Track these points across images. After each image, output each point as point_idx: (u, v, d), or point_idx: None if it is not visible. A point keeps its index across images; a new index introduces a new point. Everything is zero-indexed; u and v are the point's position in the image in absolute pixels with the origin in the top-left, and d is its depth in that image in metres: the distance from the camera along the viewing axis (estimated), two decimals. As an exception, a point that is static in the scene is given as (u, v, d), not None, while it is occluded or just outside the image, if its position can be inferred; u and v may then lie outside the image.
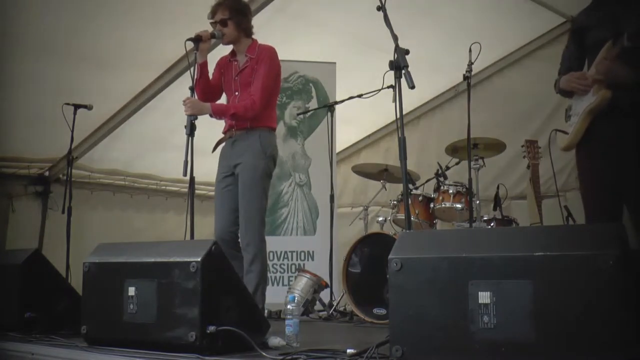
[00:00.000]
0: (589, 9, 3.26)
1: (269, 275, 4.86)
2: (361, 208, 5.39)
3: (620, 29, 2.92)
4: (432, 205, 4.69)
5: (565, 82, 3.21)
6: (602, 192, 3.08)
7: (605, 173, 3.07)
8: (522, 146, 5.10)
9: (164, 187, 6.68)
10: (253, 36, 3.94)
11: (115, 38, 4.83)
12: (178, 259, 2.39)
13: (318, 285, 4.48)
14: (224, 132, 3.95)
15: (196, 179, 3.51)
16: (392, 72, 2.79)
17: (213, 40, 3.84)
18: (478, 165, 4.58)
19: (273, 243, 4.19)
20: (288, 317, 2.61)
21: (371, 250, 4.28)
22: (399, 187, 5.20)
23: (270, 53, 3.85)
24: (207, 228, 5.06)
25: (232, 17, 3.81)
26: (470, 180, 4.36)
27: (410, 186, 4.69)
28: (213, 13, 3.84)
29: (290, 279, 5.33)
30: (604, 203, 3.07)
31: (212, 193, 6.02)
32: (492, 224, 4.61)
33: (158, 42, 4.93)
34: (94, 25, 4.65)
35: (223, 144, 3.96)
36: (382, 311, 3.99)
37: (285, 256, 5.60)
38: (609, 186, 3.06)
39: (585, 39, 3.20)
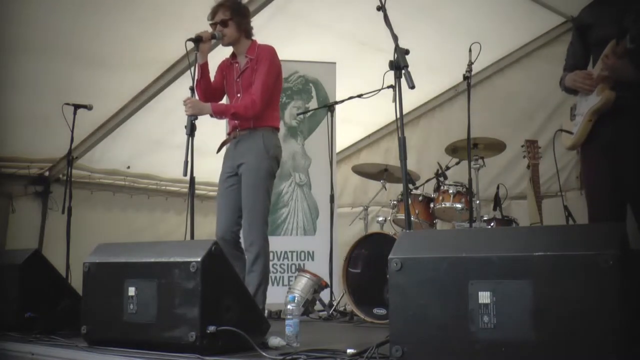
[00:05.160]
0: (592, 6, 3.26)
1: (269, 275, 4.86)
2: (361, 208, 5.39)
3: (623, 27, 2.93)
4: (432, 205, 4.69)
5: (570, 81, 3.22)
6: (606, 192, 3.08)
7: (609, 173, 3.08)
8: (522, 146, 5.10)
9: (164, 187, 6.68)
10: (253, 37, 3.94)
11: (116, 38, 4.83)
12: (178, 259, 2.39)
13: (318, 285, 4.48)
14: (229, 133, 3.96)
15: (196, 179, 3.51)
16: (392, 72, 2.79)
17: (213, 41, 3.84)
18: (478, 165, 4.58)
19: (273, 243, 4.18)
20: (288, 317, 2.61)
21: (371, 250, 4.28)
22: (399, 187, 5.20)
23: (269, 53, 3.85)
24: (207, 228, 5.07)
25: (233, 17, 3.80)
26: (470, 180, 4.36)
27: (410, 186, 4.69)
28: (213, 14, 3.83)
29: (290, 279, 5.33)
30: (608, 203, 3.08)
31: (213, 193, 6.05)
32: (492, 224, 4.61)
33: (158, 42, 4.93)
34: (94, 25, 4.65)
35: (228, 144, 3.96)
36: (382, 311, 3.99)
37: (285, 256, 5.59)
38: (612, 186, 3.06)
39: (589, 36, 3.21)
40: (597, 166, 3.14)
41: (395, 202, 4.81)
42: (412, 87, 2.66)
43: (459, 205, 4.56)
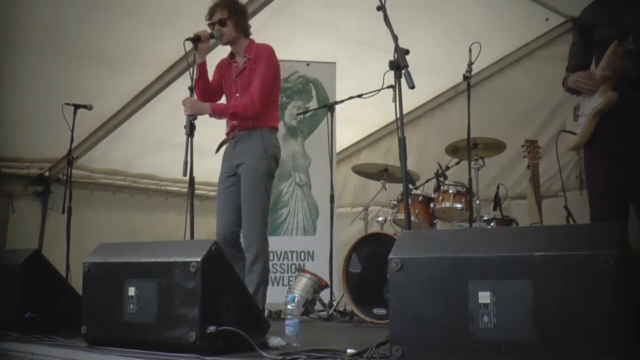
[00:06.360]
0: (594, 6, 3.27)
1: (269, 275, 4.88)
2: (361, 208, 5.39)
3: (625, 27, 2.93)
4: (432, 205, 4.69)
5: (573, 82, 3.23)
6: (608, 191, 3.10)
7: (612, 173, 3.09)
8: (522, 146, 5.10)
9: (164, 187, 6.68)
10: (252, 37, 3.95)
11: (116, 38, 4.83)
12: (178, 259, 2.39)
13: (318, 285, 4.48)
14: (227, 134, 3.96)
15: (196, 179, 3.51)
16: (392, 72, 2.79)
17: (212, 41, 3.85)
18: (478, 165, 4.58)
19: (273, 243, 4.18)
20: (288, 317, 2.61)
21: (371, 250, 4.28)
22: (399, 187, 5.20)
23: (267, 52, 3.85)
24: (207, 228, 5.06)
25: (231, 16, 3.81)
26: (470, 180, 4.36)
27: (410, 186, 4.69)
28: (211, 14, 3.84)
29: (290, 279, 5.33)
30: (610, 203, 3.09)
31: (212, 193, 6.04)
32: (492, 224, 4.61)
33: (158, 42, 4.93)
34: (95, 25, 4.65)
35: (226, 144, 3.96)
36: (382, 311, 3.99)
37: (285, 256, 5.59)
38: (615, 186, 3.07)
39: (592, 36, 3.22)
40: (599, 166, 3.15)
41: (395, 202, 4.81)
42: (412, 87, 2.66)
43: (459, 205, 4.56)
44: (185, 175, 3.42)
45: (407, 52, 2.78)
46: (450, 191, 4.60)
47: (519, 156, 5.34)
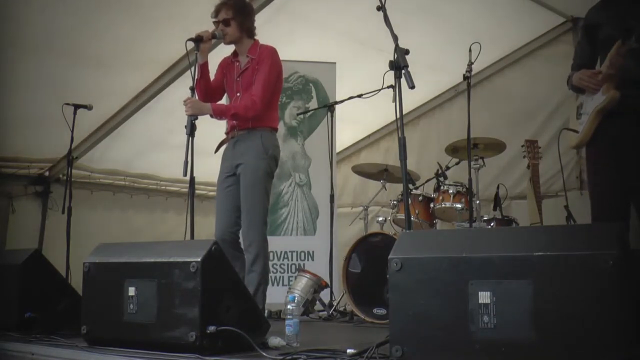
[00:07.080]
0: (600, 6, 3.28)
1: (269, 275, 4.88)
2: (361, 208, 5.39)
3: (629, 27, 2.94)
4: (432, 205, 4.69)
5: (577, 80, 3.24)
6: (610, 190, 3.10)
7: (613, 172, 3.09)
8: (522, 146, 5.11)
9: (164, 187, 6.68)
10: (255, 37, 3.94)
11: (116, 38, 4.83)
12: (178, 259, 2.39)
13: (318, 285, 4.48)
14: (227, 133, 3.96)
15: (196, 179, 3.51)
16: (392, 72, 2.79)
17: (214, 41, 3.84)
18: (478, 165, 4.58)
19: (273, 243, 4.19)
20: (288, 317, 2.61)
21: (371, 250, 4.28)
22: (399, 187, 5.20)
23: (271, 53, 3.85)
24: (207, 228, 5.06)
25: (235, 16, 3.81)
26: (470, 180, 4.36)
27: (410, 186, 4.69)
28: (217, 12, 3.84)
29: (290, 279, 5.33)
30: (612, 202, 3.09)
31: (212, 193, 6.04)
32: (492, 224, 4.61)
33: (158, 42, 4.93)
34: (94, 25, 4.65)
35: (226, 144, 3.96)
36: (382, 311, 3.99)
37: (285, 256, 5.59)
38: (616, 185, 3.08)
39: (597, 35, 3.23)
40: (601, 165, 3.15)
41: (395, 202, 4.81)
42: (412, 87, 2.66)
43: (459, 205, 4.56)
44: (185, 175, 3.42)
45: (407, 52, 2.78)
46: (450, 191, 4.60)
47: (519, 156, 5.34)
